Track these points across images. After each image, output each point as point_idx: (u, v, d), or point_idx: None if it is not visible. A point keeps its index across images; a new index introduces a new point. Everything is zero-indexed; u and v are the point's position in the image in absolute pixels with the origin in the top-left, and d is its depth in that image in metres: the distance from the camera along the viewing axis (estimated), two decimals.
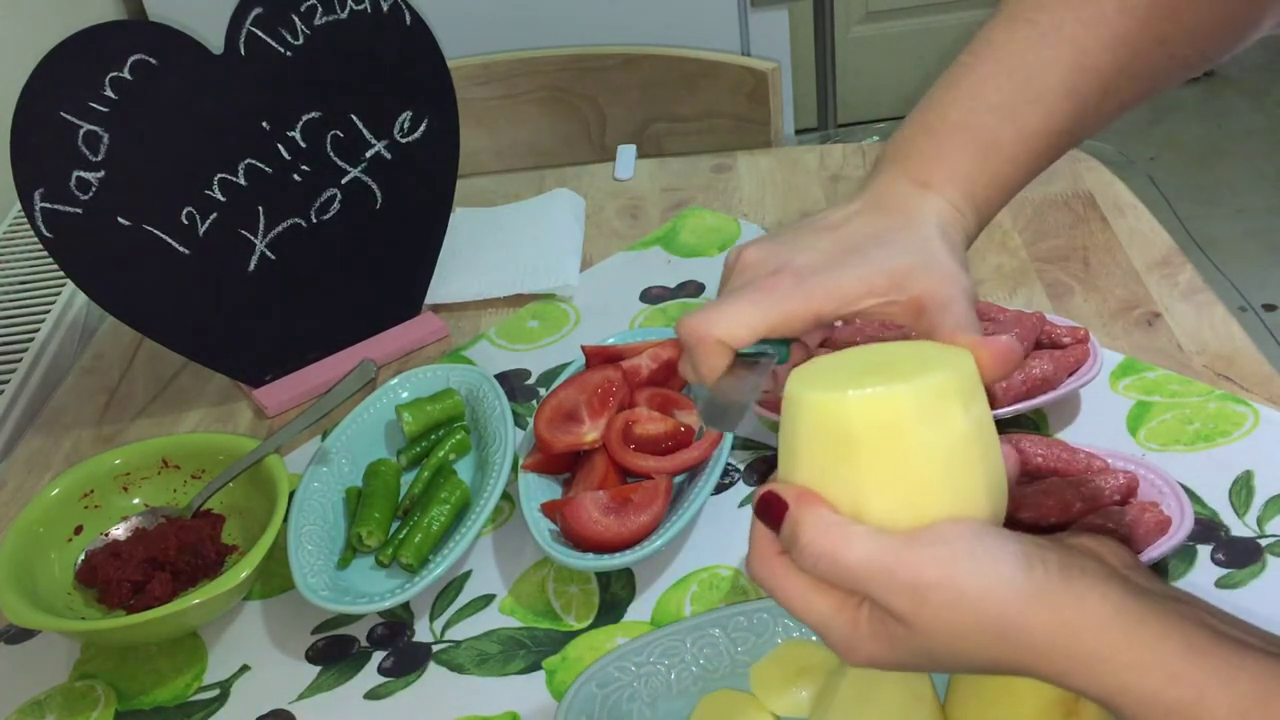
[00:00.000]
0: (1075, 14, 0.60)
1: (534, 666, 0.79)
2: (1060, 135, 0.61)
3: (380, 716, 0.78)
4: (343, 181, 1.05)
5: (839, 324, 0.90)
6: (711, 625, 0.75)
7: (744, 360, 0.58)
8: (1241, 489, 0.82)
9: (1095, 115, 0.62)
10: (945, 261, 0.57)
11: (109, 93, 0.92)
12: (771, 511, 0.52)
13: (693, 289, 1.12)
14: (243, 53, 0.97)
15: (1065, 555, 0.50)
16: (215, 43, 0.97)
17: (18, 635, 0.88)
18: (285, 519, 0.85)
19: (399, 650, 0.82)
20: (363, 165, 1.05)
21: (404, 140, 1.06)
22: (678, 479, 0.88)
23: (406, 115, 1.05)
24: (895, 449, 0.49)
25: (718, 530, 0.86)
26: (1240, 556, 0.78)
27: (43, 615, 0.80)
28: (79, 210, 0.94)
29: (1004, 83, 0.60)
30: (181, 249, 0.99)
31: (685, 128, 1.48)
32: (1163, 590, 0.50)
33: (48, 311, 1.25)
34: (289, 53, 0.99)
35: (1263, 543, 0.78)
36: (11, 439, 1.11)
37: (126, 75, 0.93)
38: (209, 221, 1.00)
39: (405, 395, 0.98)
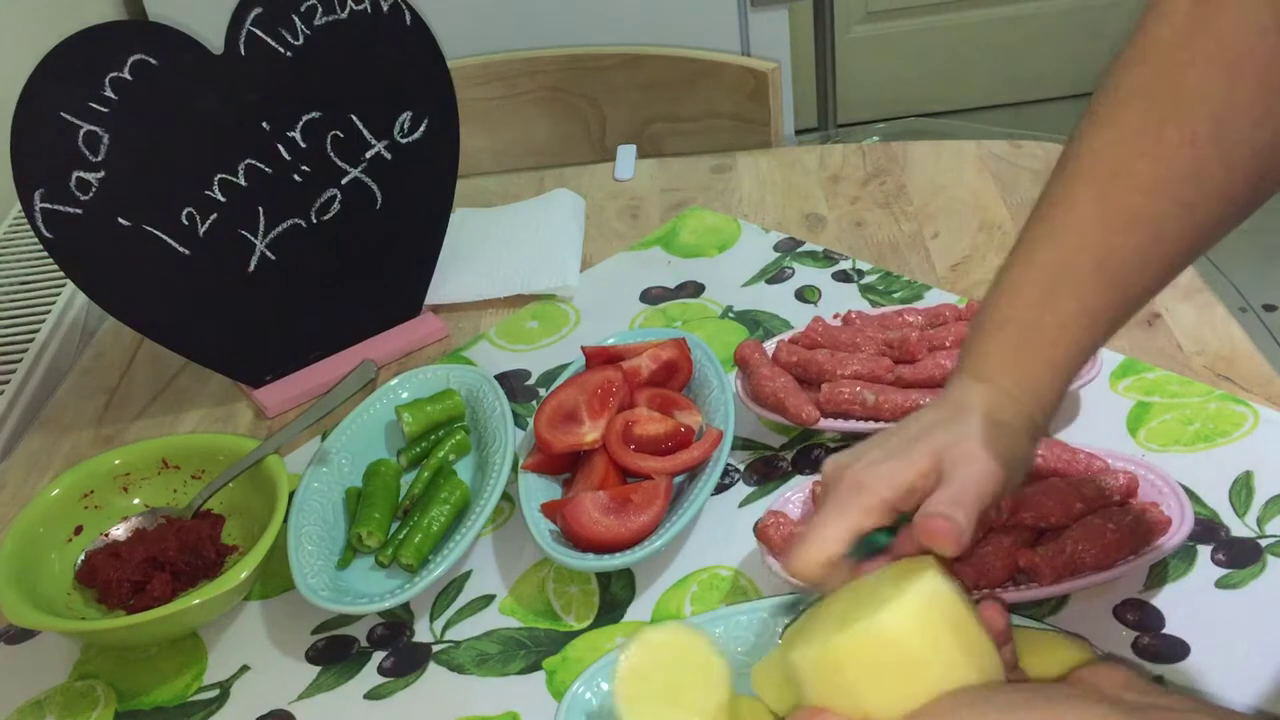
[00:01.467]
0: (1093, 205, 0.64)
1: (534, 666, 0.79)
2: (1104, 310, 0.64)
3: (380, 716, 0.78)
4: (343, 181, 1.05)
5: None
6: (711, 625, 0.75)
7: (859, 554, 0.63)
8: (1241, 489, 0.82)
9: (1139, 283, 0.65)
10: (972, 444, 0.62)
11: (109, 93, 0.92)
12: None
13: (693, 289, 1.12)
14: (243, 53, 0.97)
15: (1052, 691, 0.54)
16: (215, 43, 0.97)
17: (18, 635, 0.88)
18: (285, 519, 0.85)
19: (399, 650, 0.82)
20: (363, 165, 1.05)
21: (404, 140, 1.06)
22: (678, 479, 0.88)
23: (406, 115, 1.05)
24: (879, 666, 0.56)
25: (718, 530, 0.86)
26: (1240, 556, 0.78)
27: (43, 615, 0.80)
28: (79, 210, 0.94)
29: (1036, 276, 0.65)
30: (181, 249, 0.99)
31: (685, 128, 1.48)
32: (1163, 703, 0.52)
33: (48, 311, 1.25)
34: (289, 53, 0.99)
35: (1263, 543, 0.78)
36: (11, 439, 1.11)
37: (126, 75, 0.93)
38: (209, 222, 1.00)
39: (405, 395, 0.98)
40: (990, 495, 0.61)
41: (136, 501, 0.93)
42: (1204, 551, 0.78)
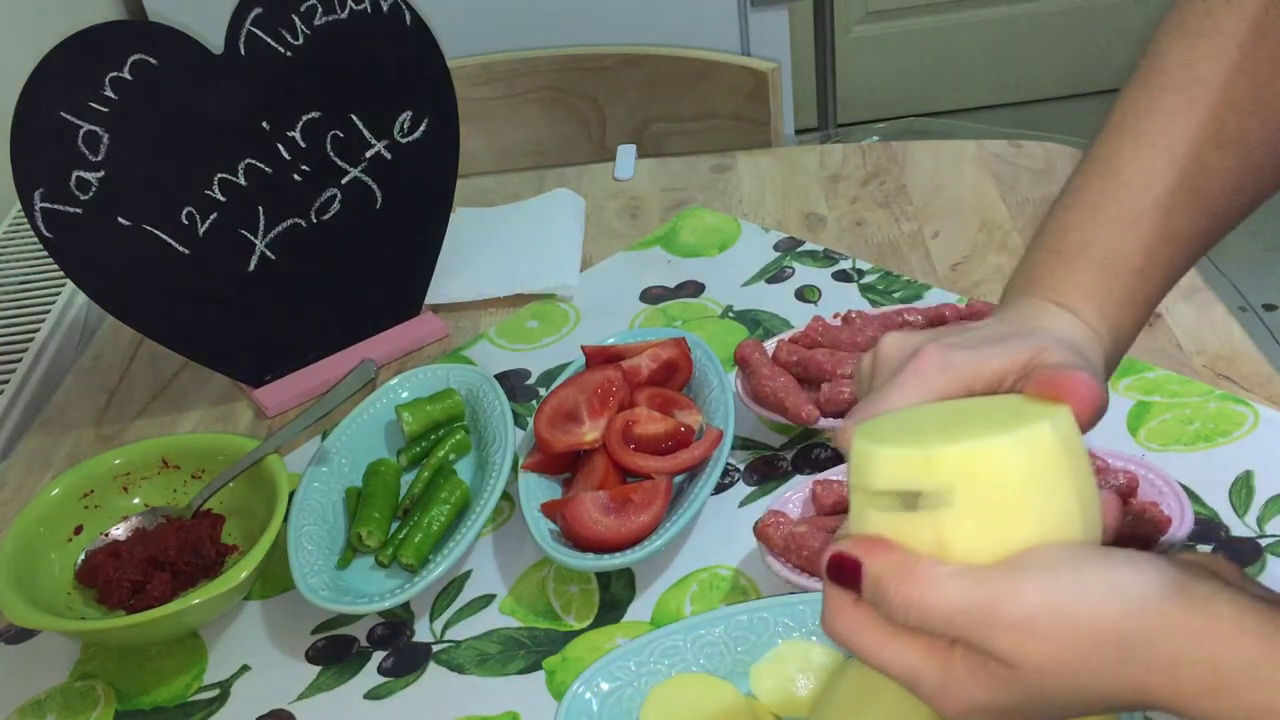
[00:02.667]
0: (1182, 117, 0.58)
1: (534, 666, 0.79)
2: (1188, 239, 0.59)
3: (380, 716, 0.78)
4: (343, 181, 1.05)
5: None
6: (711, 625, 0.75)
7: None
8: (1241, 489, 0.82)
9: (1224, 211, 0.60)
10: (1085, 352, 0.55)
11: (109, 93, 0.92)
12: (845, 572, 0.48)
13: (693, 289, 1.12)
14: (243, 53, 0.97)
15: (1181, 566, 0.46)
16: (215, 43, 0.97)
17: (18, 635, 0.88)
18: (285, 519, 0.85)
19: (399, 650, 0.82)
20: (363, 165, 1.05)
21: (404, 140, 1.06)
22: (678, 479, 0.88)
23: (406, 115, 1.05)
24: (981, 487, 0.47)
25: (718, 530, 0.86)
26: (1240, 556, 0.78)
27: (43, 615, 0.80)
28: (79, 210, 0.94)
29: (1120, 194, 0.59)
30: (181, 249, 0.99)
31: (685, 128, 1.48)
32: None
33: (48, 311, 1.25)
34: (289, 53, 0.99)
35: (1263, 543, 0.78)
36: (11, 439, 1.11)
37: (126, 75, 0.93)
38: (209, 221, 1.00)
39: (405, 395, 0.98)
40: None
41: (136, 501, 0.93)
42: (1204, 551, 0.78)
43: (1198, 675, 0.43)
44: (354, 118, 1.03)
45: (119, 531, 0.90)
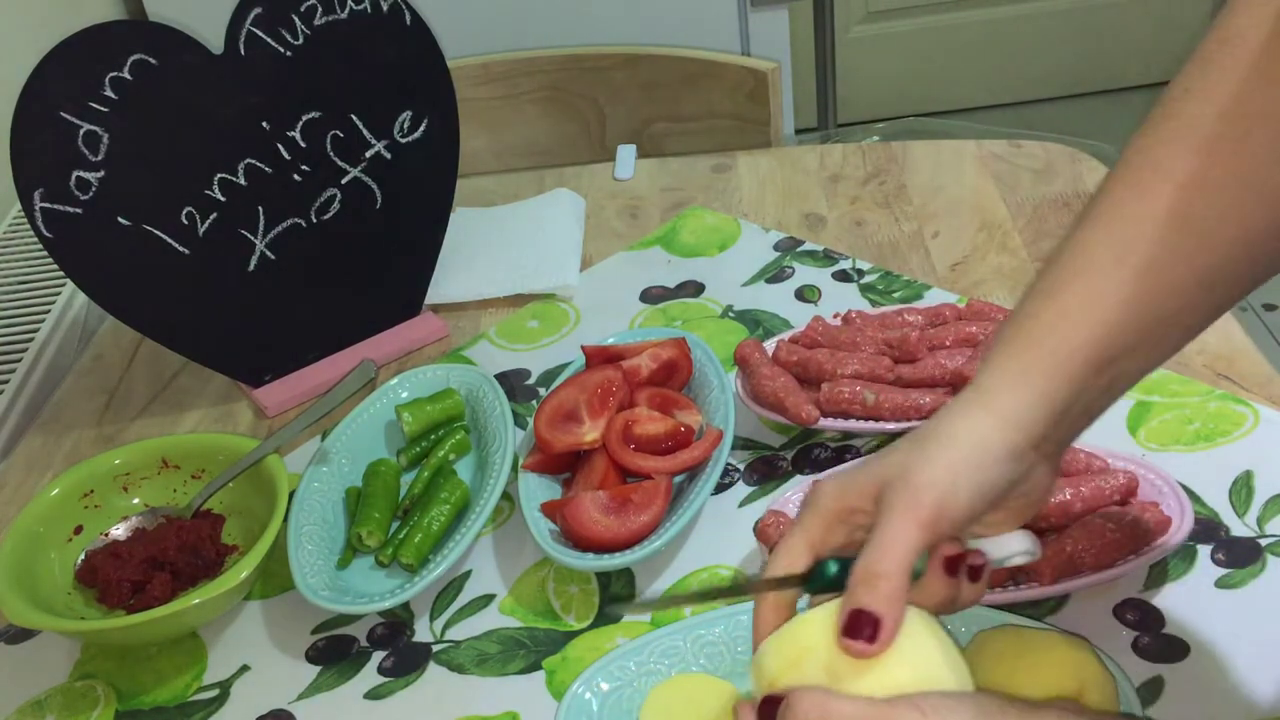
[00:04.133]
0: (1130, 189, 0.60)
1: (534, 666, 0.79)
2: (1121, 303, 0.59)
3: (380, 716, 0.78)
4: (343, 181, 1.05)
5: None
6: (711, 625, 0.75)
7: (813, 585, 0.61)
8: (1241, 489, 0.82)
9: (1166, 279, 0.59)
10: (919, 475, 0.57)
11: (109, 93, 0.92)
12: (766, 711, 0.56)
13: (692, 289, 1.12)
14: (243, 53, 0.97)
15: (1026, 708, 0.54)
16: (215, 43, 0.97)
17: (18, 635, 0.88)
18: (285, 519, 0.85)
19: (399, 650, 0.82)
20: (363, 165, 1.05)
21: (404, 140, 1.06)
22: (678, 479, 0.88)
23: (406, 115, 1.05)
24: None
25: (718, 530, 0.86)
26: (1240, 556, 0.78)
27: (43, 615, 0.80)
28: (79, 210, 0.94)
29: (1051, 271, 0.61)
30: (181, 249, 0.99)
31: (685, 128, 1.48)
32: None
33: (48, 311, 1.25)
34: (289, 53, 0.99)
35: (1263, 543, 0.78)
36: (11, 439, 1.11)
37: (126, 75, 0.93)
38: (209, 221, 1.00)
39: (405, 395, 0.98)
40: (926, 540, 0.56)
41: (136, 501, 0.93)
42: (1204, 551, 0.78)
43: None
44: (354, 118, 1.03)
45: (119, 531, 0.90)
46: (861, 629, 0.55)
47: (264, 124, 1.00)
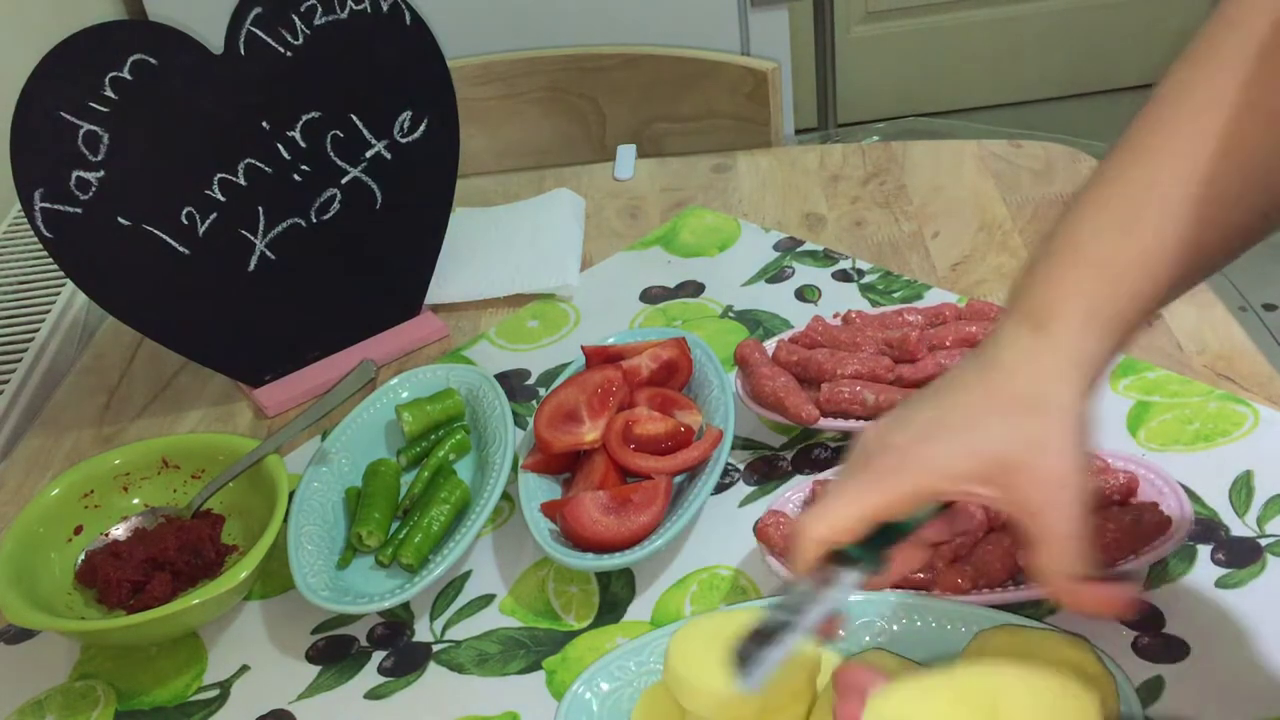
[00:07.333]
0: (1189, 126, 0.57)
1: (534, 666, 0.79)
2: (1195, 248, 0.57)
3: (380, 716, 0.78)
4: (343, 181, 1.05)
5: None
6: None
7: (843, 559, 0.56)
8: (1241, 489, 0.82)
9: (1233, 220, 0.58)
10: (1055, 458, 0.54)
11: (109, 93, 0.92)
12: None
13: (692, 289, 1.12)
14: (243, 53, 0.97)
15: None
16: (215, 43, 0.97)
17: (18, 635, 0.88)
18: (285, 519, 0.85)
19: (399, 650, 0.82)
20: (363, 165, 1.05)
21: (404, 140, 1.06)
22: (678, 479, 0.88)
23: (406, 115, 1.05)
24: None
25: (718, 530, 0.86)
26: (1240, 556, 0.78)
27: (43, 615, 0.80)
28: (79, 210, 0.94)
29: (1118, 202, 0.58)
30: (181, 249, 0.99)
31: (685, 128, 1.48)
32: None
33: (48, 311, 1.25)
34: (289, 53, 0.99)
35: (1263, 543, 0.78)
36: (11, 439, 1.11)
37: (126, 75, 0.93)
38: (209, 221, 1.00)
39: (405, 395, 0.98)
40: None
41: (136, 501, 0.93)
42: (1204, 551, 0.78)
43: None
44: (354, 118, 1.03)
45: (119, 531, 0.90)
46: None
47: (264, 124, 1.00)
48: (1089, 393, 0.56)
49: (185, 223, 0.99)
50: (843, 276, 1.10)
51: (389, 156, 1.06)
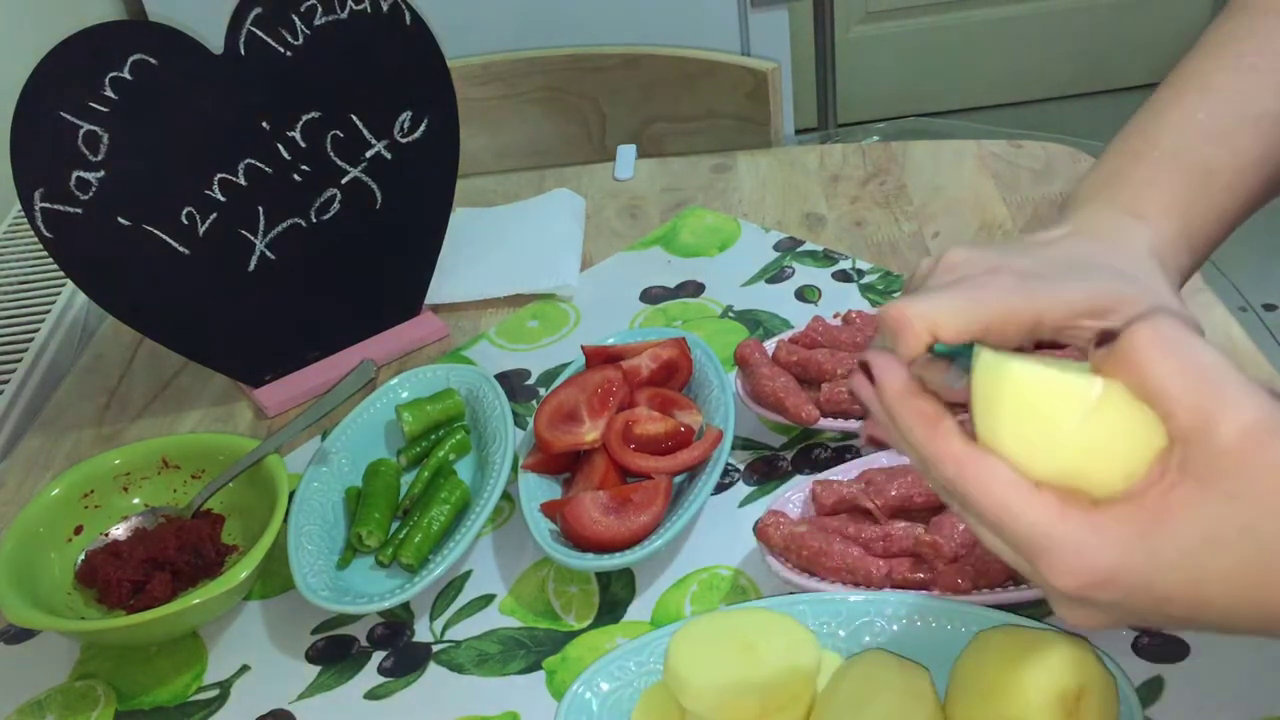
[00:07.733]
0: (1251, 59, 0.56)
1: (534, 666, 0.79)
2: (1268, 164, 0.56)
3: (380, 716, 0.78)
4: (343, 181, 1.05)
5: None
6: None
7: (938, 358, 0.51)
8: None
9: None
10: (1171, 299, 0.51)
11: (109, 93, 0.92)
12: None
13: (693, 289, 1.12)
14: (243, 53, 0.97)
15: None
16: (215, 43, 0.97)
17: (18, 635, 0.88)
18: (285, 519, 0.85)
19: (399, 650, 0.82)
20: (363, 165, 1.05)
21: (404, 140, 1.06)
22: (678, 479, 0.88)
23: (406, 115, 1.05)
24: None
25: (718, 530, 0.86)
26: None
27: (43, 615, 0.80)
28: (79, 210, 0.94)
29: (1216, 109, 0.56)
30: (181, 249, 0.99)
31: (685, 128, 1.48)
32: None
33: (48, 311, 1.25)
34: (289, 53, 0.99)
35: None
36: (11, 439, 1.11)
37: (126, 75, 0.93)
38: (209, 221, 1.00)
39: (405, 395, 0.98)
40: None
41: (136, 501, 0.93)
42: None
43: None
44: (354, 118, 1.03)
45: (119, 531, 0.90)
46: None
47: (264, 124, 1.00)
48: (1178, 281, 0.54)
49: (185, 223, 0.99)
50: (843, 276, 1.10)
51: (389, 156, 1.06)
